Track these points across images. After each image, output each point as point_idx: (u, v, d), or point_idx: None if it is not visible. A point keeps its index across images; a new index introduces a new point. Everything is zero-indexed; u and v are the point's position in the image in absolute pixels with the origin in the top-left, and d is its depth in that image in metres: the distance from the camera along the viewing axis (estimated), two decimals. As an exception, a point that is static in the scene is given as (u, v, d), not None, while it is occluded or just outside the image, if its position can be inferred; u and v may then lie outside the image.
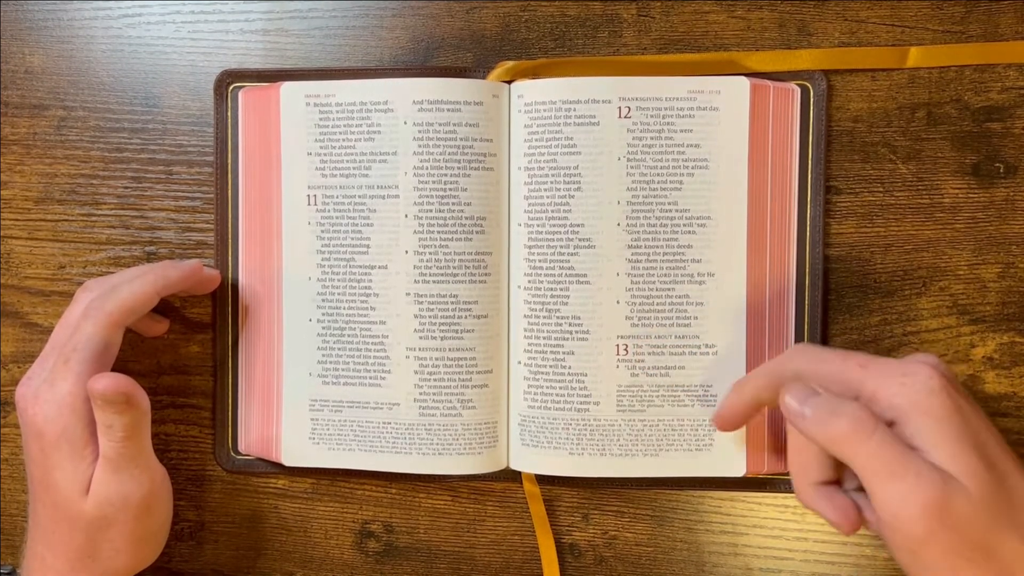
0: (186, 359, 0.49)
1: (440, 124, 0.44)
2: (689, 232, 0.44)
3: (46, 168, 0.49)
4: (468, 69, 0.45)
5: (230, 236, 0.47)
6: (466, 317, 0.44)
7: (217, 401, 0.48)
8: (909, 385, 0.34)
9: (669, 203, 0.44)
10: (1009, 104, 0.44)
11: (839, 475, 0.38)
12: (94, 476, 0.41)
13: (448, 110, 0.44)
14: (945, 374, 0.35)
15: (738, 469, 0.44)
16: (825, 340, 0.45)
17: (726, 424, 0.41)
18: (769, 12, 0.45)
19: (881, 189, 0.45)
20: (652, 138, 0.43)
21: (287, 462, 0.47)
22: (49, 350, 0.43)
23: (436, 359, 0.45)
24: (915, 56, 0.44)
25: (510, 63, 0.45)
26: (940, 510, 0.32)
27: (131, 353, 0.48)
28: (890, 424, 0.34)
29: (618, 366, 0.44)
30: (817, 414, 0.35)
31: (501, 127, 0.44)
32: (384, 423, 0.45)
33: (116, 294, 0.42)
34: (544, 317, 0.44)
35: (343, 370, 0.46)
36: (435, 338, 0.45)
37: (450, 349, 0.45)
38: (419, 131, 0.44)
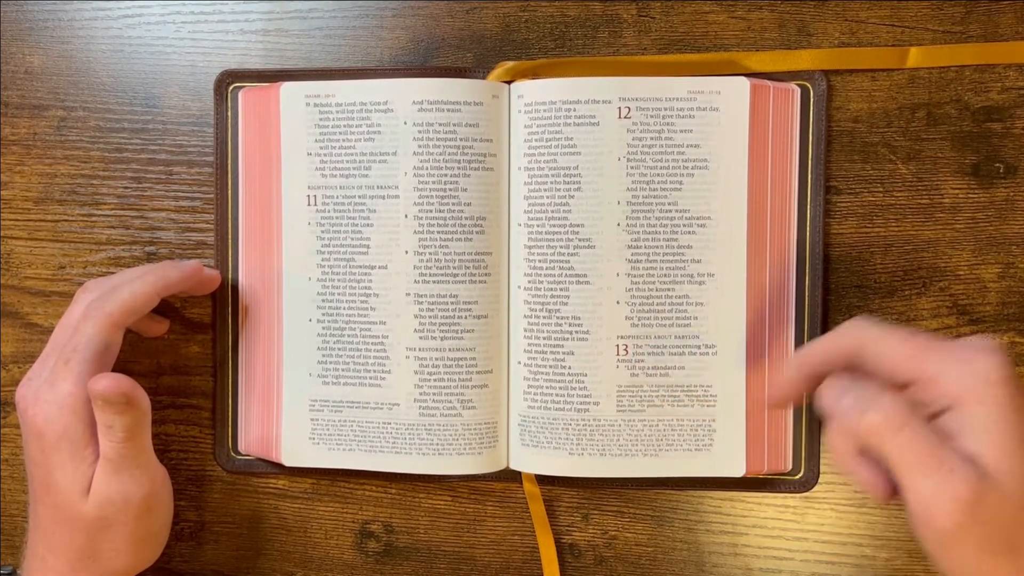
0: (186, 359, 0.49)
1: (440, 124, 0.44)
2: (689, 232, 0.44)
3: (46, 168, 0.49)
4: (468, 69, 0.45)
5: (230, 236, 0.47)
6: (466, 317, 0.45)
7: (217, 401, 0.48)
8: (969, 373, 0.34)
9: (669, 203, 0.44)
10: (1009, 104, 0.44)
11: None
12: (94, 476, 0.41)
13: (448, 110, 0.44)
14: (1008, 365, 0.34)
15: (738, 469, 0.44)
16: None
17: (782, 402, 0.40)
18: (769, 12, 0.45)
19: (881, 189, 0.45)
20: (652, 138, 0.43)
21: (287, 462, 0.47)
22: (49, 351, 0.43)
23: (436, 359, 0.45)
24: (915, 56, 0.44)
25: (510, 63, 0.45)
26: (971, 506, 0.32)
27: (131, 353, 0.48)
28: (944, 411, 0.34)
29: (618, 366, 0.44)
30: (851, 409, 0.34)
31: (501, 127, 0.44)
32: (384, 423, 0.45)
33: (116, 295, 0.42)
34: (544, 317, 0.44)
35: (343, 370, 0.46)
36: (435, 338, 0.45)
37: (450, 349, 0.45)
38: (419, 131, 0.44)
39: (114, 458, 0.41)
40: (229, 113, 0.47)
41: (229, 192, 0.47)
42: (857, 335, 0.36)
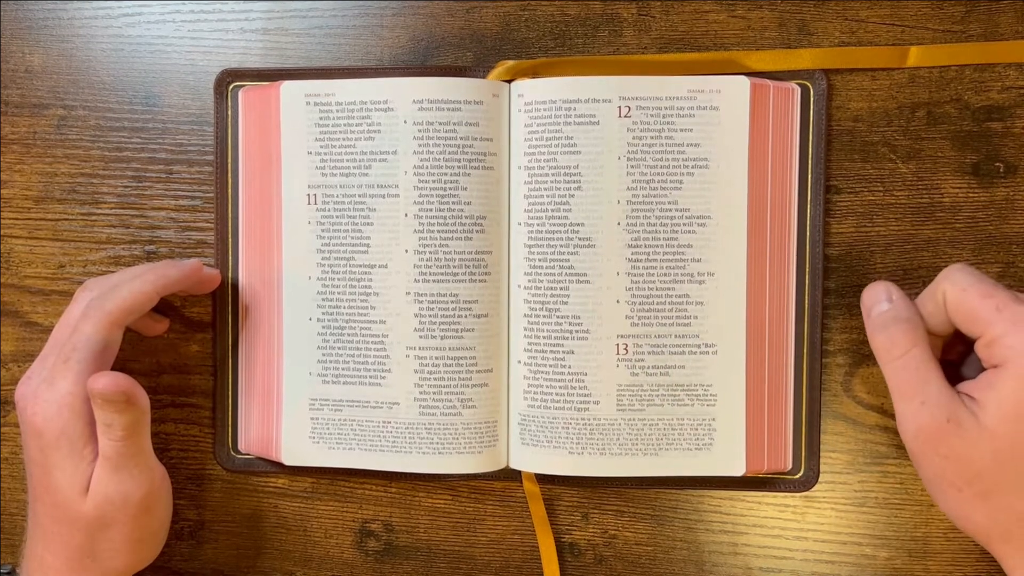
0: (186, 358, 0.48)
1: (440, 123, 0.44)
2: (689, 231, 0.44)
3: (46, 167, 0.49)
4: (468, 68, 0.45)
5: (230, 235, 0.47)
6: (466, 316, 0.44)
7: (217, 400, 0.48)
8: (1021, 343, 0.36)
9: (669, 202, 0.44)
10: (1009, 104, 0.44)
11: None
12: (93, 475, 0.41)
13: (448, 109, 0.44)
14: None
15: (738, 468, 0.44)
16: (824, 340, 0.45)
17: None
18: (769, 12, 0.45)
19: (881, 189, 0.45)
20: (652, 137, 0.43)
21: (287, 461, 0.47)
22: (49, 349, 0.43)
23: (436, 358, 0.45)
24: (915, 55, 0.44)
25: (510, 62, 0.45)
26: (932, 439, 0.37)
27: (131, 352, 0.48)
28: (995, 367, 0.37)
29: (618, 365, 0.44)
30: (875, 323, 0.39)
31: (501, 126, 0.44)
32: (384, 422, 0.45)
33: (116, 293, 0.42)
34: (544, 316, 0.44)
35: (343, 369, 0.46)
36: (435, 337, 0.45)
37: (450, 348, 0.45)
38: (419, 130, 0.44)
39: (113, 457, 0.41)
40: (229, 112, 0.47)
41: (229, 191, 0.47)
42: (945, 283, 0.38)
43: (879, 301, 0.40)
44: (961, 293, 0.37)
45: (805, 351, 0.45)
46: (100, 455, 0.41)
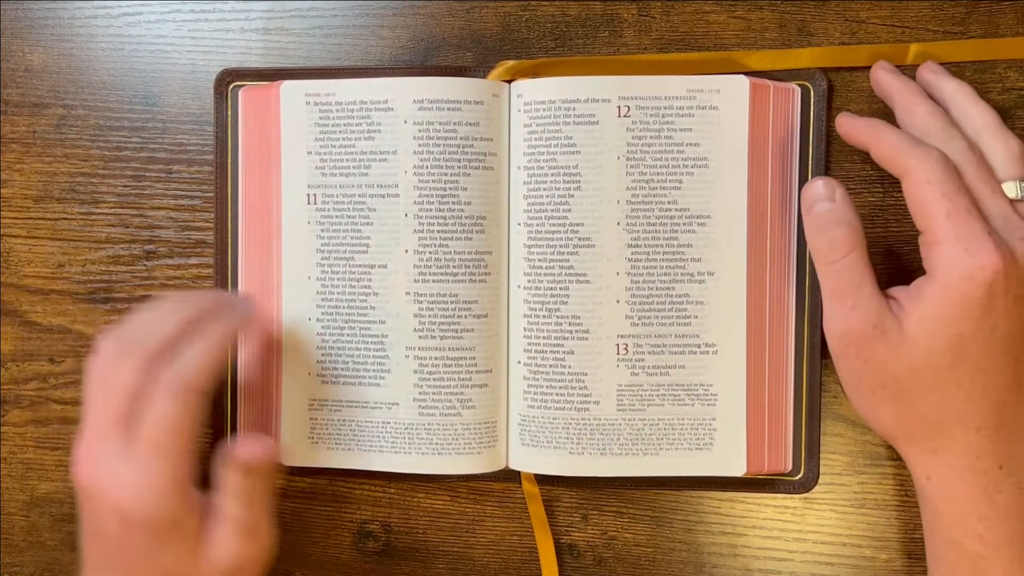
0: (185, 358, 0.48)
1: (440, 123, 0.44)
2: (689, 231, 0.44)
3: (45, 167, 0.49)
4: (468, 68, 0.45)
5: (229, 235, 0.47)
6: (466, 316, 0.44)
7: (216, 400, 0.48)
8: (959, 260, 0.36)
9: (669, 202, 0.44)
10: (1009, 105, 0.44)
11: None
12: (218, 544, 0.39)
13: (448, 109, 0.44)
14: (999, 279, 0.35)
15: (738, 469, 0.44)
16: (824, 340, 0.45)
17: (845, 127, 0.41)
18: (769, 12, 0.45)
19: (881, 189, 0.45)
20: (652, 137, 0.43)
21: (286, 461, 0.46)
22: (107, 423, 0.38)
23: (436, 358, 0.45)
24: (915, 53, 0.44)
25: (510, 62, 0.45)
26: (855, 342, 0.38)
27: (130, 352, 0.48)
28: (926, 274, 0.37)
29: (618, 365, 0.44)
30: (815, 222, 0.39)
31: (501, 126, 0.44)
32: (383, 423, 0.45)
33: (191, 362, 0.38)
34: (544, 316, 0.44)
35: (342, 369, 0.46)
36: (435, 337, 0.44)
37: (450, 348, 0.45)
38: (419, 130, 0.44)
39: (246, 522, 0.40)
40: (229, 112, 0.47)
41: (229, 191, 0.47)
42: (920, 163, 0.37)
43: (821, 199, 0.39)
44: (924, 183, 0.37)
45: (805, 351, 0.45)
46: (228, 522, 0.39)
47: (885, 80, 0.42)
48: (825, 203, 0.39)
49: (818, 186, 0.39)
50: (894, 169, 0.38)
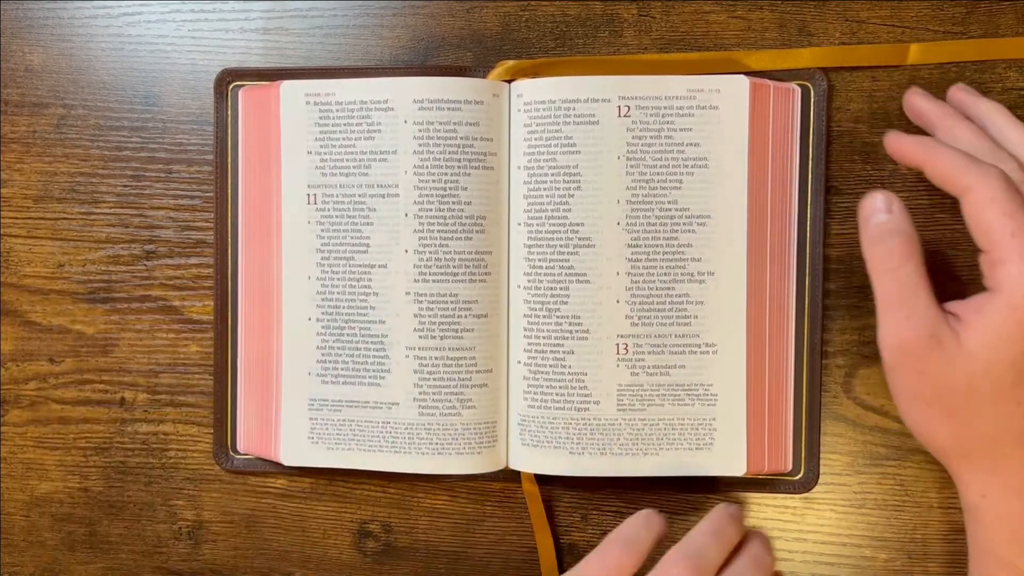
0: (185, 358, 0.48)
1: (440, 123, 0.44)
2: (689, 231, 0.44)
3: (45, 166, 0.49)
4: (468, 68, 0.45)
5: (230, 235, 0.47)
6: (466, 316, 0.44)
7: (216, 400, 0.48)
8: (1022, 280, 0.35)
9: (669, 202, 0.44)
10: (1010, 105, 0.44)
11: None
12: None
13: (448, 109, 0.44)
14: None
15: (739, 468, 0.44)
16: (824, 341, 0.45)
17: (894, 146, 0.40)
18: (770, 12, 0.45)
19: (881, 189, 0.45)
20: (652, 137, 0.43)
21: (286, 462, 0.46)
22: None
23: (436, 358, 0.45)
24: (915, 53, 0.44)
25: (510, 62, 0.45)
26: (909, 353, 0.37)
27: (130, 352, 0.48)
28: (989, 290, 0.36)
29: (618, 365, 0.44)
30: (872, 233, 0.38)
31: (501, 126, 0.44)
32: (383, 422, 0.45)
33: None
34: (544, 316, 0.44)
35: (342, 369, 0.46)
36: (435, 337, 0.44)
37: (450, 348, 0.45)
38: (419, 130, 0.44)
39: None
40: (229, 112, 0.47)
41: (229, 191, 0.47)
42: (980, 180, 0.37)
43: (878, 211, 0.38)
44: (987, 202, 0.36)
45: (805, 352, 0.45)
46: None
47: (920, 105, 0.42)
48: (883, 215, 0.38)
49: (877, 199, 0.38)
50: (952, 188, 0.37)
